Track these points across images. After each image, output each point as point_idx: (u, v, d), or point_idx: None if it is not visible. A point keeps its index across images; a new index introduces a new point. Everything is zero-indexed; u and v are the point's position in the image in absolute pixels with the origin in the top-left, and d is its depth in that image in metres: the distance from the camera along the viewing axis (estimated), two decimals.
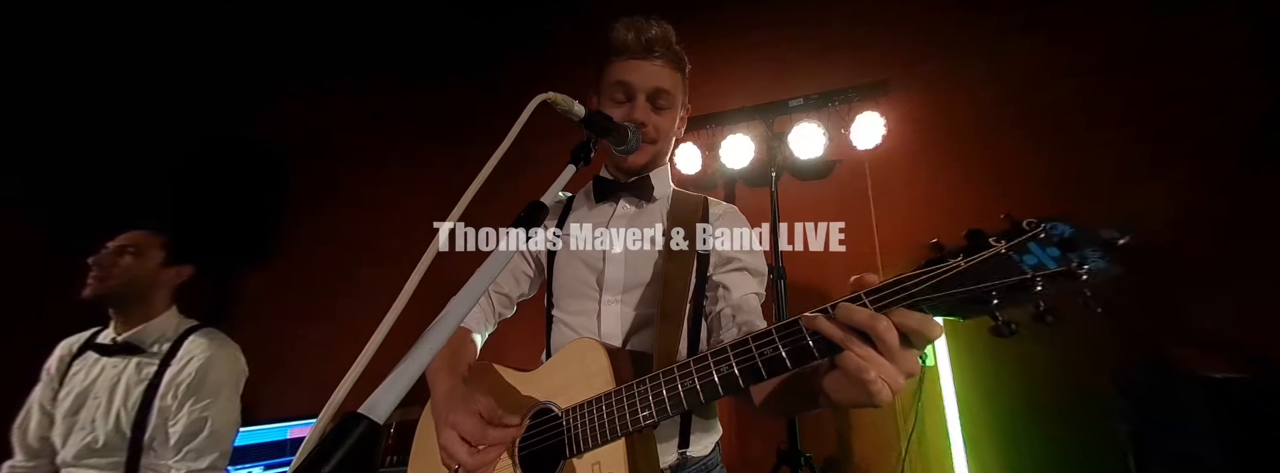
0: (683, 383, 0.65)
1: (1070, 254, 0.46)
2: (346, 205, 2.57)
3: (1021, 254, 0.48)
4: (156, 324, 1.45)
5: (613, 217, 1.00)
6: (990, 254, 0.49)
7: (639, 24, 0.94)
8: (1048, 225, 0.48)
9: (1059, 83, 1.99)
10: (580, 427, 0.74)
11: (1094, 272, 0.46)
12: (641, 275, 0.93)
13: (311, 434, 0.39)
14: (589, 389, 0.76)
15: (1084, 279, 0.46)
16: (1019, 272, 0.47)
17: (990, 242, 0.49)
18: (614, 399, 0.72)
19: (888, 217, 2.23)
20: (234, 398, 1.46)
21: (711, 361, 0.63)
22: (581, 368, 0.79)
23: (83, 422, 1.35)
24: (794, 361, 0.56)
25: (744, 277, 0.92)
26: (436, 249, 0.52)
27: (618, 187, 1.02)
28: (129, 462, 1.33)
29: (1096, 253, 0.46)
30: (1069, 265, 0.46)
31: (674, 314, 0.87)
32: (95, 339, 1.45)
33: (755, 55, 2.59)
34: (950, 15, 2.21)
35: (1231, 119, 1.71)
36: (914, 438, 1.98)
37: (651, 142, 0.96)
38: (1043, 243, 0.48)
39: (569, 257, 0.99)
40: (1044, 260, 0.47)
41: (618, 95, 0.96)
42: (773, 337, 0.58)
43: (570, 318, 0.96)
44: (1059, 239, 0.47)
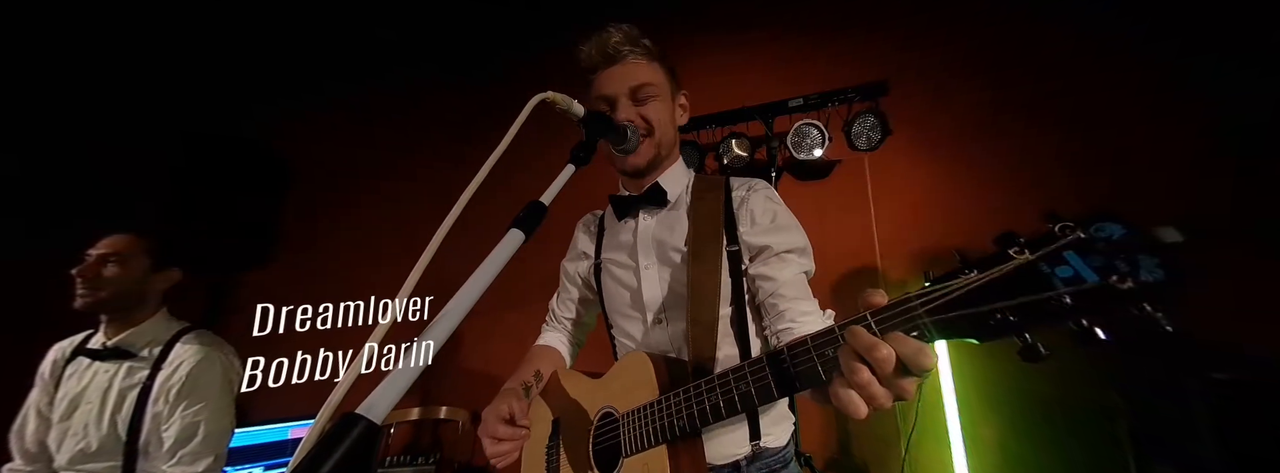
0: (709, 398, 0.70)
1: (1118, 263, 0.37)
2: (347, 205, 2.57)
3: (1054, 266, 0.39)
4: (147, 328, 1.44)
5: (636, 232, 1.00)
6: (1011, 267, 0.41)
7: (598, 37, 0.94)
8: (1093, 226, 0.39)
9: (1059, 82, 1.99)
10: (631, 431, 0.82)
11: (1146, 286, 0.36)
12: (677, 288, 0.94)
13: (310, 434, 0.39)
14: (637, 398, 0.84)
15: (1133, 296, 0.37)
16: (1047, 287, 0.39)
17: (1010, 253, 0.42)
18: (656, 408, 0.79)
19: (888, 217, 2.23)
20: (227, 400, 1.44)
21: (731, 378, 0.68)
22: (632, 378, 0.87)
23: (75, 427, 1.35)
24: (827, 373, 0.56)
25: (778, 262, 0.89)
26: (435, 249, 0.52)
27: (632, 202, 1.01)
28: (125, 467, 1.33)
29: (1152, 260, 0.37)
30: (1111, 280, 0.37)
31: (705, 321, 0.88)
32: (86, 344, 1.44)
33: (755, 55, 2.59)
34: (950, 15, 2.21)
35: (1231, 118, 1.71)
36: (914, 438, 1.98)
37: (648, 134, 0.95)
38: (1083, 250, 0.39)
39: (611, 282, 1.04)
40: (1083, 272, 0.38)
41: (602, 108, 0.96)
42: (808, 346, 0.58)
43: (624, 338, 1.03)
44: (1105, 243, 0.38)
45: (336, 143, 2.58)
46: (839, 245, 2.25)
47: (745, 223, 0.93)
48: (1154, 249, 0.37)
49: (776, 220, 0.92)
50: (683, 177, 1.04)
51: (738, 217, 0.93)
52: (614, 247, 1.05)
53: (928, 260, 2.09)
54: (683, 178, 1.03)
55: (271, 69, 2.38)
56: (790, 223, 0.93)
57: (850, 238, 2.24)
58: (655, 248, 0.97)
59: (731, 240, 0.91)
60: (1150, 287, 0.36)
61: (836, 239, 2.26)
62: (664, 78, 0.99)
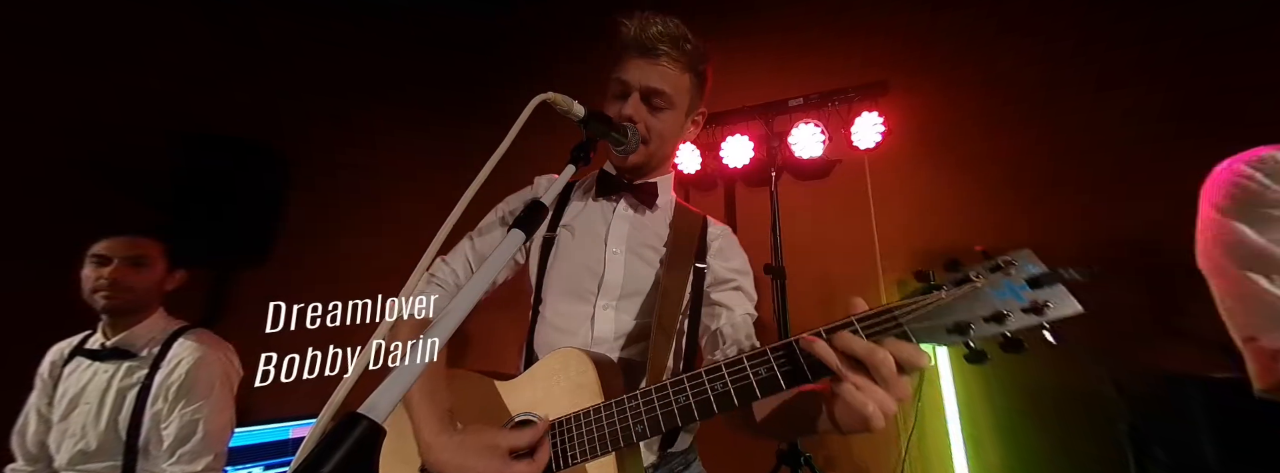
0: (677, 400, 0.66)
1: (1038, 290, 0.51)
2: (346, 206, 2.57)
3: (995, 290, 0.53)
4: (145, 327, 1.44)
5: (614, 215, 0.97)
6: (969, 290, 0.53)
7: (642, 20, 0.89)
8: (1019, 262, 0.53)
9: (1059, 82, 1.99)
10: (569, 440, 0.73)
11: (1055, 309, 0.50)
12: (640, 283, 0.92)
13: (312, 434, 0.39)
14: (575, 402, 0.74)
15: (1047, 315, 0.51)
16: (994, 306, 0.52)
17: (971, 276, 0.54)
18: (605, 413, 0.70)
19: (887, 216, 2.23)
20: (226, 399, 1.45)
21: (706, 378, 0.64)
22: (566, 380, 0.77)
23: (74, 427, 1.35)
24: (788, 381, 0.59)
25: (741, 296, 0.93)
26: (436, 249, 0.52)
27: (622, 186, 0.98)
28: (125, 467, 1.33)
29: (1059, 290, 0.51)
30: (1036, 301, 0.51)
31: (669, 327, 0.86)
32: (85, 344, 1.44)
33: (755, 55, 2.59)
34: (950, 15, 2.21)
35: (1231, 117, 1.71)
36: (914, 438, 1.98)
37: (643, 141, 0.92)
38: (1013, 279, 0.52)
39: (569, 253, 0.94)
40: (1015, 295, 0.52)
41: (615, 90, 0.93)
42: (768, 357, 0.60)
43: (560, 319, 0.91)
44: (1028, 276, 0.52)
45: (337, 143, 2.58)
46: (839, 245, 2.25)
47: (716, 255, 0.96)
48: (1061, 282, 0.51)
49: (743, 265, 0.98)
50: (670, 191, 1.04)
51: (709, 246, 0.97)
52: (582, 220, 0.97)
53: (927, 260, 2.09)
54: (670, 192, 1.04)
55: (272, 69, 2.38)
56: (750, 271, 0.99)
57: (850, 238, 2.24)
58: (629, 240, 0.95)
59: (701, 260, 0.94)
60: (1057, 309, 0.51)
61: (836, 239, 2.25)
62: (687, 89, 0.94)
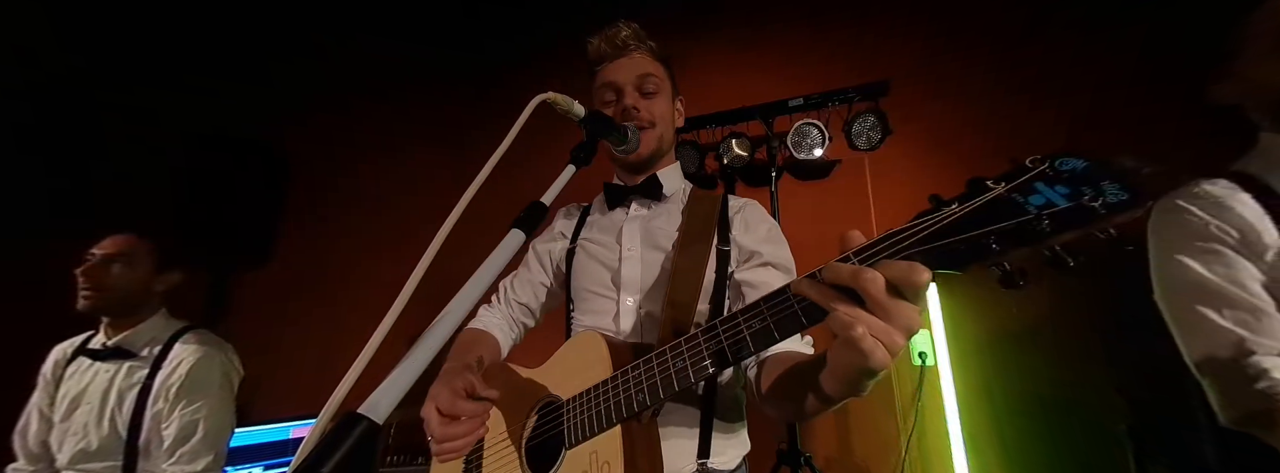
0: (674, 363, 0.63)
1: (1084, 188, 0.41)
2: (347, 206, 2.57)
3: (1026, 195, 0.43)
4: (146, 328, 1.45)
5: (626, 218, 1.01)
6: (989, 197, 0.44)
7: (608, 32, 0.99)
8: (1056, 160, 0.43)
9: (1059, 82, 1.99)
10: (579, 416, 0.73)
11: (1113, 205, 0.39)
12: (659, 275, 0.92)
13: (311, 434, 0.39)
14: (588, 379, 0.74)
15: (1102, 214, 0.40)
16: (1022, 213, 0.42)
17: (989, 185, 0.45)
18: (610, 386, 0.70)
19: (888, 217, 2.23)
20: (227, 399, 1.45)
21: (702, 339, 0.61)
22: (581, 359, 0.78)
23: (75, 427, 1.35)
24: (781, 330, 0.54)
25: (769, 272, 0.88)
26: (436, 249, 0.52)
27: (627, 190, 1.02)
28: (125, 466, 1.33)
29: (1115, 185, 0.40)
30: (1081, 200, 0.40)
31: (683, 303, 0.84)
32: (87, 344, 1.45)
33: (755, 55, 2.59)
34: (950, 15, 2.21)
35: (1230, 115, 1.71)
36: (914, 438, 1.98)
37: (650, 125, 0.97)
38: (1050, 181, 0.42)
39: (586, 260, 0.99)
40: (1053, 198, 0.42)
41: (608, 96, 0.99)
42: (760, 308, 0.56)
43: (588, 319, 0.95)
44: (1070, 175, 0.42)
45: (336, 143, 2.58)
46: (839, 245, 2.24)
47: (739, 228, 0.94)
48: (1116, 175, 0.40)
49: (771, 232, 0.94)
50: (679, 179, 1.05)
51: (732, 222, 0.95)
52: (598, 231, 1.02)
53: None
54: (678, 179, 1.05)
55: (272, 69, 2.38)
56: (782, 239, 0.95)
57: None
58: (643, 236, 0.96)
59: (723, 241, 0.92)
60: (1116, 206, 0.40)
61: (837, 239, 2.25)
62: (665, 75, 1.03)
